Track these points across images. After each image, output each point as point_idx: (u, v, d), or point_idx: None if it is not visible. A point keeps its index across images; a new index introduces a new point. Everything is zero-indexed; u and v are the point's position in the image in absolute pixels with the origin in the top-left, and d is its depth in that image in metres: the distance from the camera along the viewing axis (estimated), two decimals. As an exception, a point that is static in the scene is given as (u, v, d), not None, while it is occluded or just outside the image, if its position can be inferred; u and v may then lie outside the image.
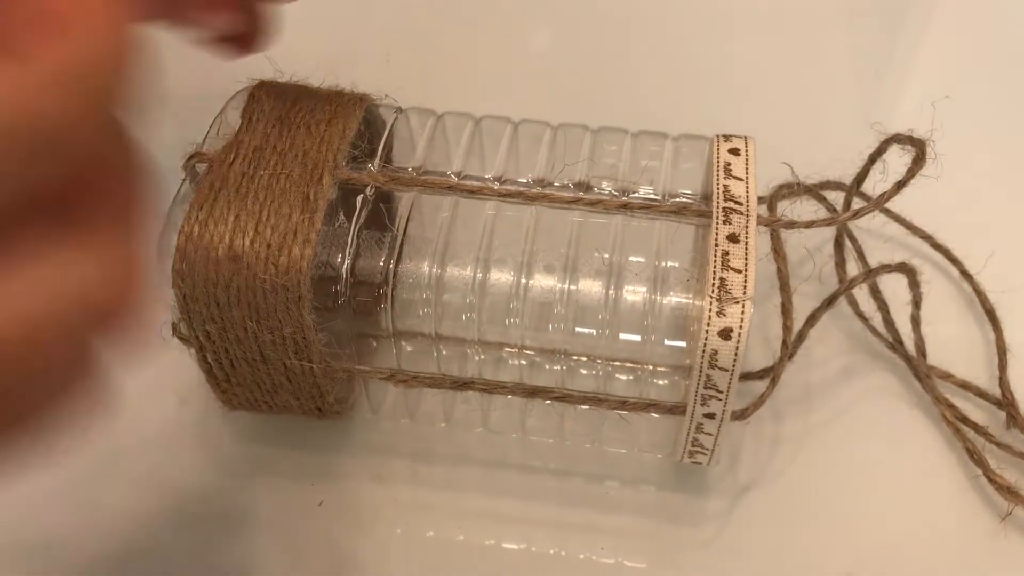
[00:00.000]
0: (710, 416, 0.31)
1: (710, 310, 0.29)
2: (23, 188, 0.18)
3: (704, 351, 0.29)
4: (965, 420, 0.37)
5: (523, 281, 0.32)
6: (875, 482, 0.37)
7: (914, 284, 0.35)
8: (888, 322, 0.38)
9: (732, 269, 0.30)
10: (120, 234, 0.20)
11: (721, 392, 0.30)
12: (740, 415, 0.33)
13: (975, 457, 0.36)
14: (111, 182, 0.20)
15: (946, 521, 0.36)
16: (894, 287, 0.38)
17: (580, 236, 0.32)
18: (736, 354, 0.29)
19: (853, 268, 0.40)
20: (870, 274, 0.35)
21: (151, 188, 0.21)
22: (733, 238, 0.30)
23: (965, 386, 0.38)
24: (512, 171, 0.33)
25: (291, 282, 0.30)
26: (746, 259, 0.30)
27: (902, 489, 0.37)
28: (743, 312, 0.29)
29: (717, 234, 0.30)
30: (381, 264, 0.32)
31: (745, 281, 0.30)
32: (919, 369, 0.38)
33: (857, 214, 0.32)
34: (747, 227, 0.30)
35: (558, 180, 0.33)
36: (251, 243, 0.30)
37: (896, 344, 0.38)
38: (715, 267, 0.30)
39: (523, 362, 0.34)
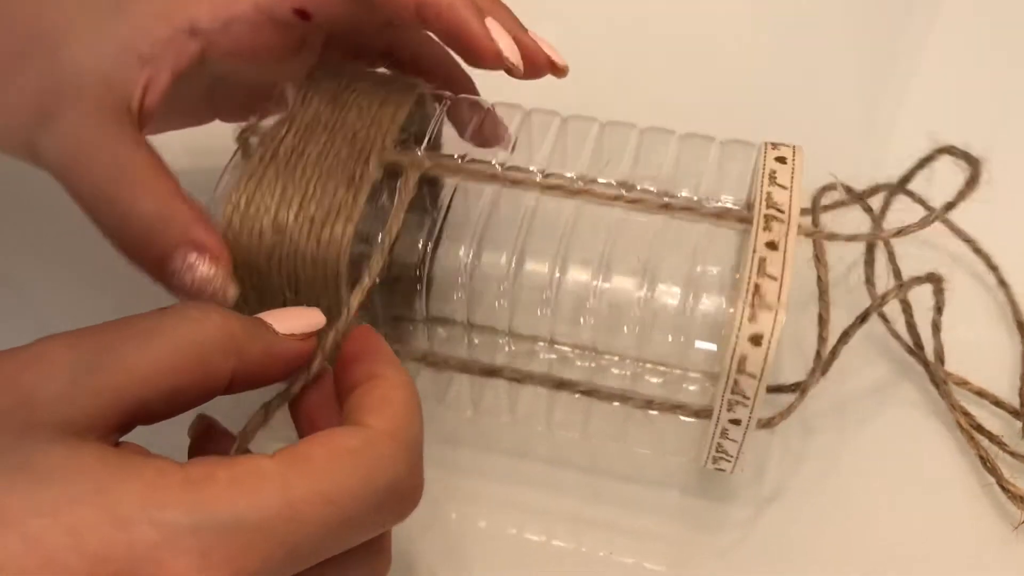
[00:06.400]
0: (735, 422, 0.31)
1: (742, 315, 0.29)
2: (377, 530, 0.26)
3: (733, 356, 0.29)
4: (980, 428, 0.37)
5: (557, 274, 0.32)
6: (888, 488, 0.37)
7: (939, 291, 0.35)
8: (911, 325, 0.38)
9: (768, 276, 0.30)
10: (387, 539, 0.28)
11: (748, 398, 0.30)
12: (767, 423, 0.33)
13: (988, 465, 0.36)
14: None
15: (959, 529, 0.36)
16: (920, 290, 0.37)
17: (619, 233, 0.32)
18: (765, 361, 0.29)
19: (881, 270, 0.39)
20: (901, 288, 0.34)
21: None
22: (772, 245, 0.30)
23: (981, 394, 0.38)
24: (557, 164, 0.33)
25: (331, 257, 0.31)
26: (783, 267, 0.30)
27: (915, 495, 0.37)
28: (775, 319, 0.29)
29: (756, 240, 0.30)
30: (419, 246, 0.32)
31: (780, 289, 0.29)
32: (936, 375, 0.37)
33: (900, 232, 0.32)
34: (787, 235, 0.30)
35: (602, 177, 0.33)
36: (295, 216, 0.31)
37: (916, 348, 0.38)
38: (751, 272, 0.30)
39: (553, 356, 0.34)
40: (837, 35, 0.53)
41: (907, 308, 0.37)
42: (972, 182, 0.31)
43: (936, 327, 0.37)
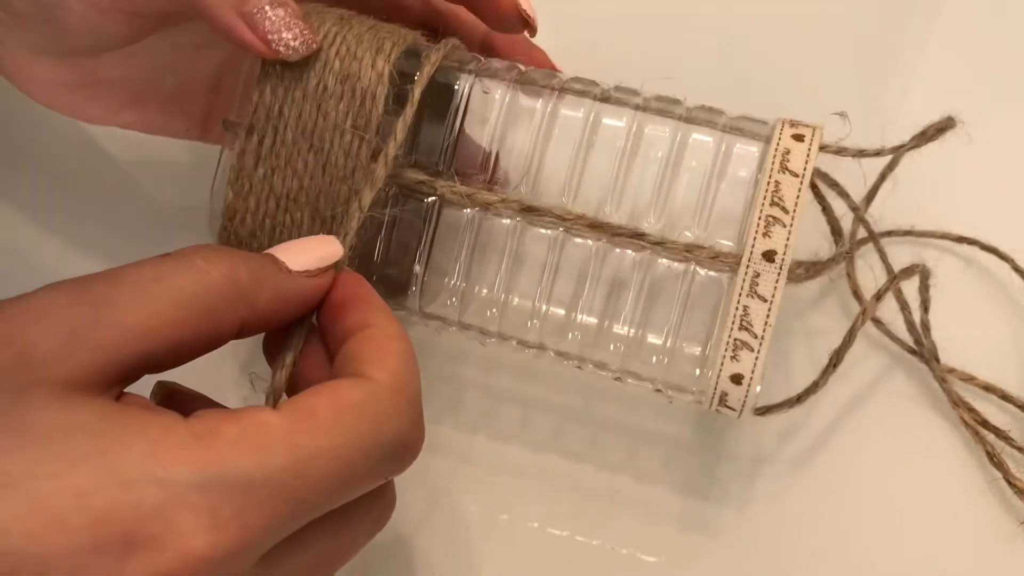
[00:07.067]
0: (770, 257, 0.30)
1: (784, 124, 0.31)
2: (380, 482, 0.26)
3: (776, 149, 0.30)
4: (986, 423, 0.36)
5: (592, 118, 0.32)
6: (892, 484, 0.36)
7: (924, 288, 0.36)
8: (909, 324, 0.37)
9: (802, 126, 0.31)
10: (391, 485, 0.28)
11: (788, 211, 0.30)
12: (795, 274, 0.30)
13: (995, 460, 0.35)
14: None
15: (964, 524, 0.35)
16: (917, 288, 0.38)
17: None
18: (808, 156, 0.30)
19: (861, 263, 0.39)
20: (892, 282, 0.35)
21: None
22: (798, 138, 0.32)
23: (989, 388, 0.36)
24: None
25: (387, 38, 0.31)
26: (813, 130, 0.32)
27: (919, 491, 0.36)
28: (814, 131, 0.30)
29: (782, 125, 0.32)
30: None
31: (813, 129, 0.31)
32: (936, 372, 0.36)
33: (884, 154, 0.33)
34: (813, 135, 0.32)
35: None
36: (354, 23, 0.32)
37: (916, 347, 0.37)
38: (784, 123, 0.31)
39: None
40: (840, 17, 0.49)
41: (904, 306, 0.37)
42: (944, 125, 0.34)
43: (925, 325, 0.36)
